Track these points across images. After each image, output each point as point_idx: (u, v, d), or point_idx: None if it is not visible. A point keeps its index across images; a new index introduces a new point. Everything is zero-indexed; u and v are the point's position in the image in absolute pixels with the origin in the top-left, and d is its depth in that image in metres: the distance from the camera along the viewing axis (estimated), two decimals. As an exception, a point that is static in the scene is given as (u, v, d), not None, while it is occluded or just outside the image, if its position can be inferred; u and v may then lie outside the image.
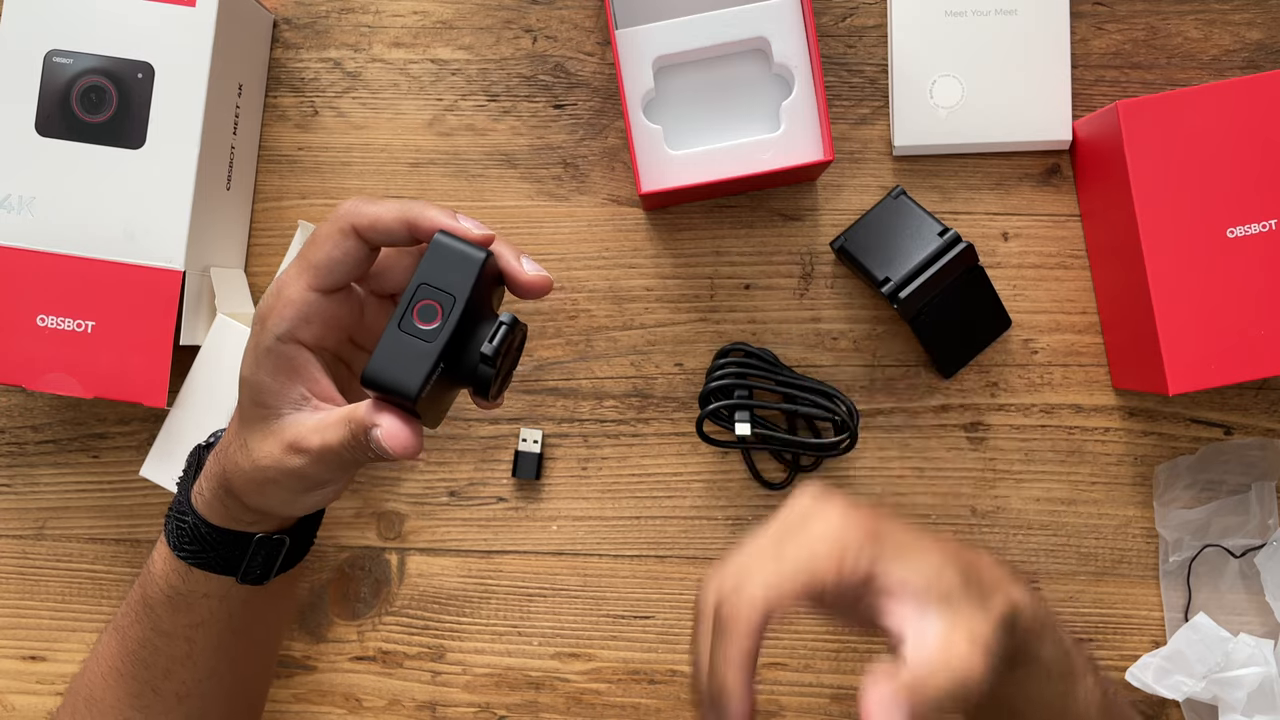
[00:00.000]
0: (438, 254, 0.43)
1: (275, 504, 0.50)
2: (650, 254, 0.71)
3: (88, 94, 0.63)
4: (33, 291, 0.63)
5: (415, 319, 0.43)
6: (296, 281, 0.46)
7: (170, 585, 0.53)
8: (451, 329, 0.42)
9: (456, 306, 0.43)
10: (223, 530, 0.52)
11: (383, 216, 0.45)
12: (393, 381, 0.42)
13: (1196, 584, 0.69)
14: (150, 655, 0.55)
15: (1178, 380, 0.62)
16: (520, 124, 0.71)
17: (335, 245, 0.45)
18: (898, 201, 0.68)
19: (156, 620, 0.54)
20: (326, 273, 0.46)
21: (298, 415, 0.46)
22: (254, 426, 0.48)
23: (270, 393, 0.46)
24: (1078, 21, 0.70)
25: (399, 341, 0.42)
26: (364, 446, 0.44)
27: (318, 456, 0.46)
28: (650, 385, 0.71)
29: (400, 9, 0.72)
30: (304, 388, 0.47)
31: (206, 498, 0.52)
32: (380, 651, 0.71)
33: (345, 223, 0.45)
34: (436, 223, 0.45)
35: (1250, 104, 0.62)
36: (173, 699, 0.55)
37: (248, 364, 0.47)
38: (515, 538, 0.71)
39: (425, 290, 0.43)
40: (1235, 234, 0.62)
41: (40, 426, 0.72)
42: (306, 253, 0.46)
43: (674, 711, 0.70)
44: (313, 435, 0.46)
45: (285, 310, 0.46)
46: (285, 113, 0.72)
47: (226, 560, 0.52)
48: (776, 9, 0.66)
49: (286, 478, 0.47)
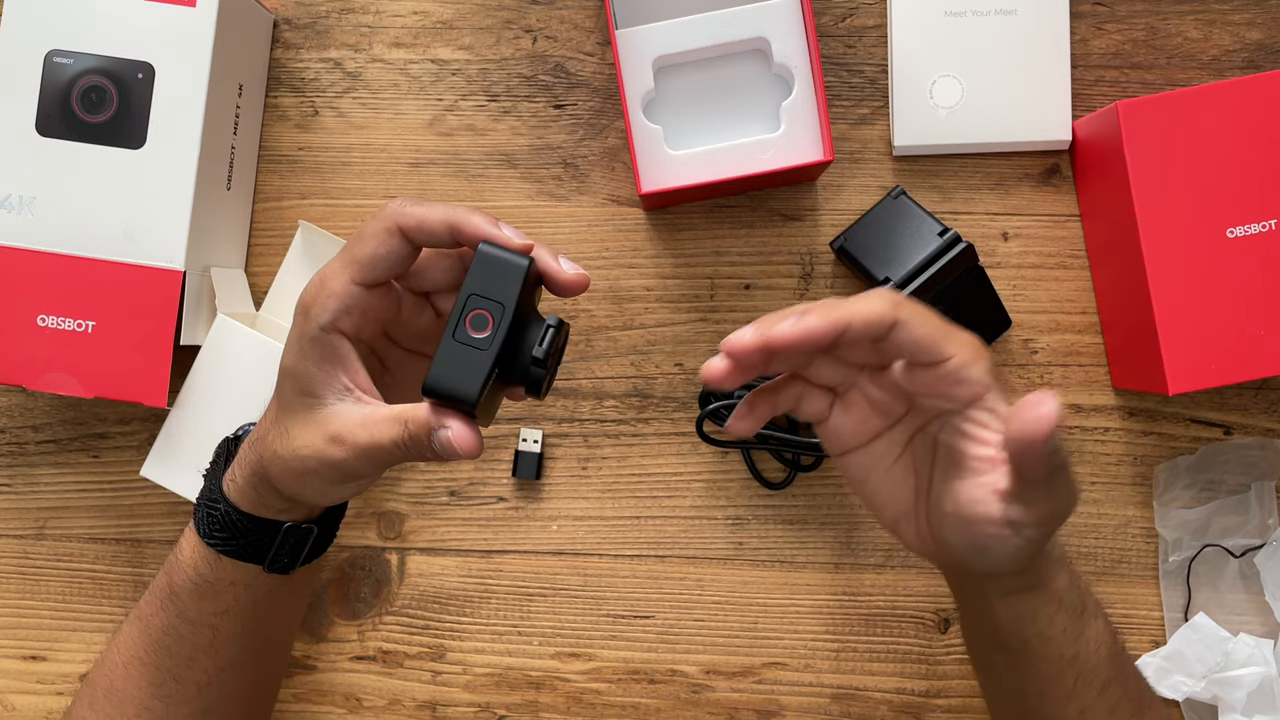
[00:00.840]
0: (484, 264, 0.45)
1: (310, 492, 0.51)
2: (650, 254, 0.71)
3: (88, 94, 0.63)
4: (33, 291, 0.63)
5: (468, 328, 0.45)
6: (341, 275, 0.47)
7: (198, 573, 0.54)
8: (503, 336, 0.45)
9: (506, 314, 0.45)
10: (254, 518, 0.53)
11: (429, 219, 0.46)
12: (453, 389, 0.44)
13: (1196, 584, 0.69)
14: (174, 643, 0.56)
15: (1177, 380, 0.62)
16: (520, 124, 0.71)
17: (381, 243, 0.47)
18: (898, 201, 0.68)
19: (182, 608, 0.55)
20: (370, 268, 0.47)
21: (341, 406, 0.48)
22: (296, 415, 0.49)
23: (315, 381, 0.48)
24: (1078, 21, 0.70)
25: (455, 351, 0.45)
26: (423, 447, 0.46)
27: (362, 452, 0.47)
28: (650, 385, 0.71)
29: (400, 9, 0.72)
30: (346, 378, 0.48)
31: (239, 485, 0.53)
32: (380, 651, 0.71)
33: (392, 222, 0.47)
34: (480, 230, 0.46)
35: (1250, 104, 0.62)
36: (194, 688, 0.56)
37: (291, 353, 0.48)
38: (515, 537, 0.71)
39: (475, 300, 0.45)
40: (1235, 234, 0.62)
41: (41, 426, 0.72)
42: (353, 248, 0.47)
43: (674, 711, 0.70)
44: (359, 430, 0.47)
45: (329, 302, 0.47)
46: (285, 113, 0.72)
47: (255, 548, 0.54)
48: (776, 9, 0.66)
49: (326, 468, 0.48)
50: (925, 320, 0.46)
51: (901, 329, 0.45)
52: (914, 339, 0.46)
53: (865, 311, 0.45)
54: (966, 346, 0.46)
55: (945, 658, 0.70)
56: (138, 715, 0.57)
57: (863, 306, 0.45)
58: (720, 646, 0.70)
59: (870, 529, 0.70)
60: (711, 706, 0.70)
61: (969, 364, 0.46)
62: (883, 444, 0.51)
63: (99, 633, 0.71)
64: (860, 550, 0.70)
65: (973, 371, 0.46)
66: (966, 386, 0.46)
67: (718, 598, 0.70)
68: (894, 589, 0.70)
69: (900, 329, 0.45)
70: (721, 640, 0.70)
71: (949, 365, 0.46)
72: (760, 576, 0.70)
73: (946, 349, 0.46)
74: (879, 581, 0.70)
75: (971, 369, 0.46)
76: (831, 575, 0.70)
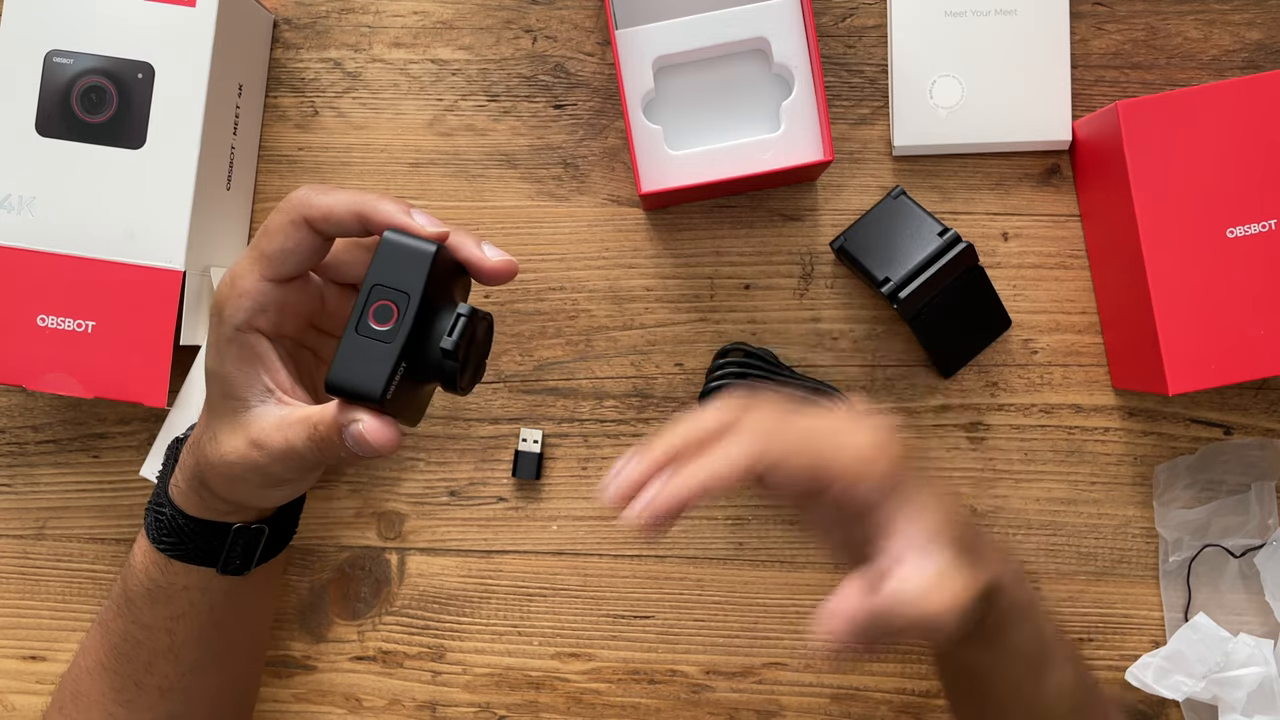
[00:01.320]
0: (388, 253, 0.43)
1: (245, 496, 0.50)
2: (650, 254, 0.71)
3: (88, 94, 0.63)
4: (33, 291, 0.63)
5: (372, 321, 0.42)
6: (250, 272, 0.46)
7: (150, 578, 0.53)
8: (409, 328, 0.42)
9: (411, 304, 0.42)
10: (200, 521, 0.52)
11: (335, 209, 0.44)
12: (356, 386, 0.42)
13: (1196, 584, 0.69)
14: (132, 649, 0.55)
15: (1178, 380, 0.62)
16: (520, 124, 0.71)
17: (287, 237, 0.45)
18: (898, 201, 0.68)
19: (137, 613, 0.54)
20: (280, 263, 0.45)
21: (263, 409, 0.46)
22: (223, 419, 0.47)
23: (236, 383, 0.46)
24: (1078, 21, 0.70)
25: (358, 345, 0.42)
26: (335, 446, 0.44)
27: (280, 456, 0.46)
28: (650, 385, 0.71)
29: (400, 9, 0.72)
30: (268, 378, 0.46)
31: (183, 489, 0.52)
32: (380, 651, 0.71)
33: (297, 214, 0.45)
34: (388, 218, 0.44)
35: (1250, 104, 0.62)
36: (155, 693, 0.55)
37: (212, 356, 0.47)
38: (515, 538, 0.71)
39: (379, 291, 0.43)
40: (1235, 234, 0.62)
41: (40, 426, 0.72)
42: (259, 243, 0.46)
43: (674, 711, 0.70)
44: (275, 433, 0.45)
45: (241, 300, 0.45)
46: (285, 113, 0.72)
47: (205, 551, 0.52)
48: (776, 9, 0.66)
49: (251, 473, 0.47)
50: (793, 456, 0.43)
51: (771, 476, 0.43)
52: (789, 480, 0.44)
53: (722, 475, 0.42)
54: (849, 460, 0.44)
55: (945, 658, 0.70)
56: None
57: (719, 467, 0.42)
58: (720, 646, 0.70)
59: (870, 529, 0.70)
60: (711, 706, 0.70)
61: (854, 484, 0.44)
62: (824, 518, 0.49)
63: (98, 633, 0.71)
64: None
65: (860, 490, 0.44)
66: (857, 504, 0.44)
67: (718, 598, 0.70)
68: (894, 589, 0.70)
69: (770, 477, 0.43)
70: (721, 640, 0.70)
71: (834, 490, 0.44)
72: (760, 576, 0.70)
73: (827, 475, 0.44)
74: (879, 581, 0.70)
75: (858, 489, 0.44)
76: (831, 575, 0.70)
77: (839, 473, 0.44)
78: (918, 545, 0.44)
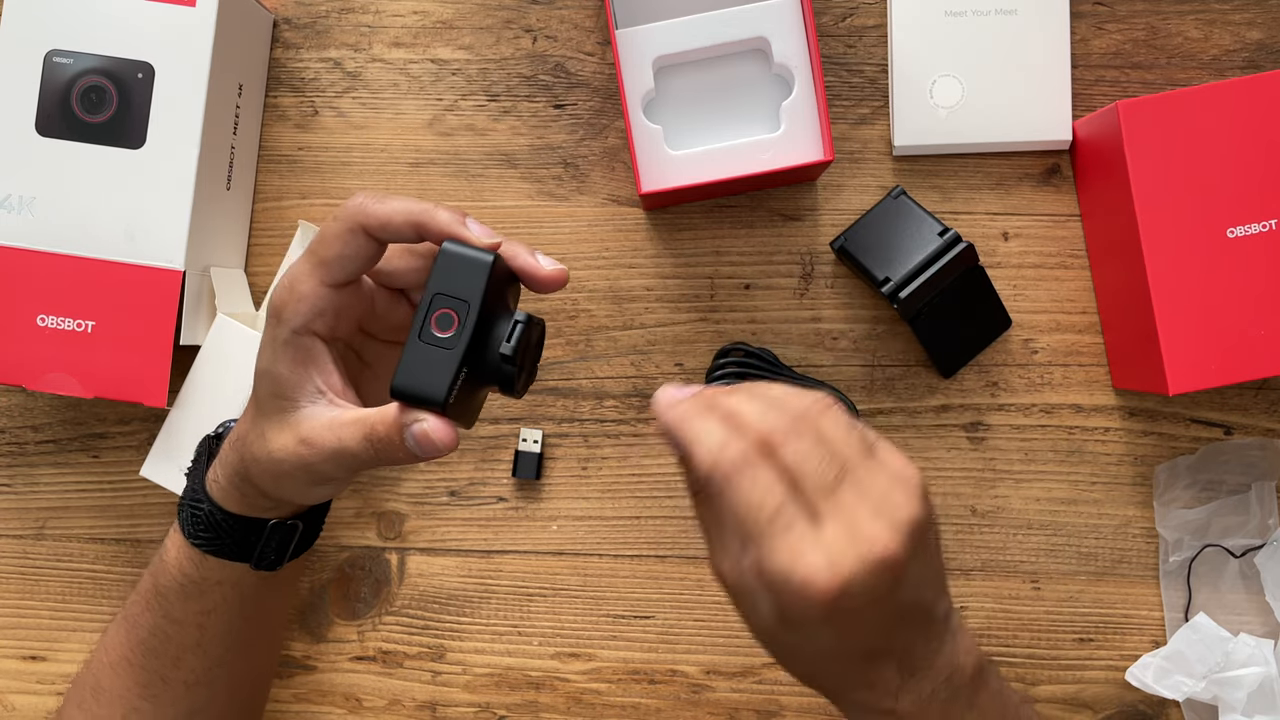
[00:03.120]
0: (447, 263, 0.45)
1: (290, 493, 0.51)
2: (650, 254, 0.71)
3: (88, 94, 0.63)
4: (33, 291, 0.63)
5: (434, 328, 0.44)
6: (309, 278, 0.47)
7: (183, 573, 0.54)
8: (469, 334, 0.44)
9: (471, 312, 0.44)
10: (238, 517, 0.53)
11: (392, 218, 0.46)
12: (419, 391, 0.44)
13: (1196, 584, 0.69)
14: (160, 644, 0.56)
15: (1178, 380, 0.62)
16: (520, 124, 0.71)
17: (345, 244, 0.47)
18: (898, 201, 0.68)
19: (168, 608, 0.55)
20: (337, 268, 0.47)
21: (313, 409, 0.48)
22: (271, 418, 0.49)
23: (288, 384, 0.48)
24: (1078, 21, 0.70)
25: (421, 352, 0.44)
26: (394, 447, 0.45)
27: (331, 455, 0.47)
28: (650, 385, 0.71)
29: (400, 9, 0.72)
30: (320, 380, 0.48)
31: (222, 485, 0.53)
32: (380, 651, 0.71)
33: (354, 221, 0.46)
34: (444, 228, 0.45)
35: (1250, 104, 0.62)
36: (181, 687, 0.56)
37: (265, 357, 0.48)
38: (515, 538, 0.71)
39: (440, 300, 0.44)
40: (1235, 234, 0.62)
41: (40, 426, 0.72)
42: (317, 249, 0.47)
43: (674, 711, 0.70)
44: (326, 432, 0.47)
45: (300, 305, 0.47)
46: (285, 113, 0.72)
47: (241, 546, 0.54)
48: (776, 9, 0.66)
49: (299, 470, 0.48)
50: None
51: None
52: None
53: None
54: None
55: (945, 658, 0.70)
56: (125, 716, 0.57)
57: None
58: (720, 646, 0.70)
59: (870, 529, 0.70)
60: (711, 706, 0.70)
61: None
62: None
63: (99, 633, 0.71)
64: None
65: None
66: None
67: (718, 598, 0.70)
68: (894, 589, 0.70)
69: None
70: (721, 640, 0.70)
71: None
72: (760, 576, 0.70)
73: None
74: (879, 581, 0.70)
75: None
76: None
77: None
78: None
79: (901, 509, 0.40)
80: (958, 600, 0.70)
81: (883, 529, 0.39)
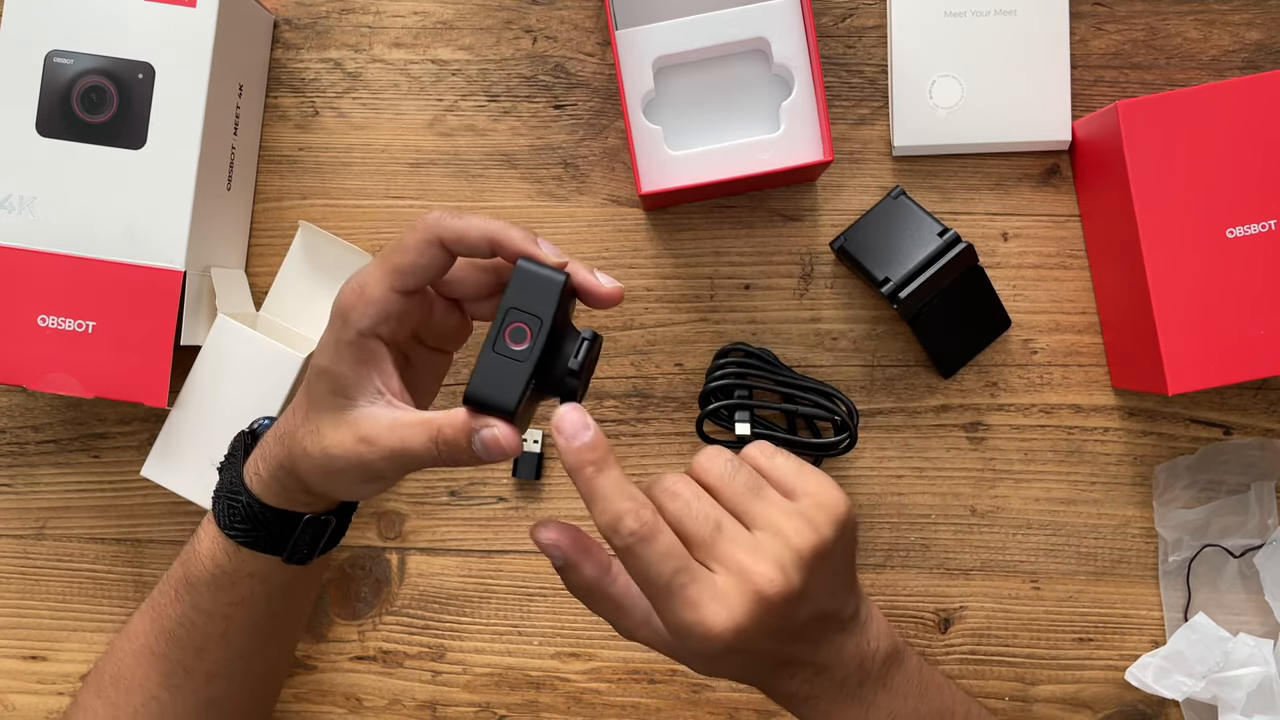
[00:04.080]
0: (522, 279, 0.47)
1: (337, 489, 0.52)
2: (650, 254, 0.71)
3: (88, 94, 0.63)
4: (33, 291, 0.63)
5: (508, 340, 0.47)
6: (381, 282, 0.49)
7: (216, 564, 0.56)
8: (540, 348, 0.47)
9: (543, 327, 0.47)
10: (276, 510, 0.54)
11: (469, 233, 0.48)
12: (492, 399, 0.46)
13: (1196, 584, 0.69)
14: (187, 634, 0.57)
15: (1177, 380, 0.62)
16: (520, 124, 0.71)
17: (420, 254, 0.48)
18: (897, 202, 0.68)
19: (198, 599, 0.56)
20: (410, 277, 0.48)
21: (372, 408, 0.49)
22: (328, 415, 0.50)
23: (350, 383, 0.49)
24: (1077, 21, 0.70)
25: (494, 362, 0.47)
26: (460, 450, 0.47)
27: (391, 454, 0.48)
28: (650, 385, 0.71)
29: (400, 9, 0.72)
30: (380, 381, 0.50)
31: (263, 478, 0.54)
32: (380, 651, 0.71)
33: (433, 234, 0.48)
34: (519, 246, 0.48)
35: (1250, 104, 0.62)
36: (202, 678, 0.58)
37: (328, 355, 0.50)
38: (515, 537, 0.71)
39: (514, 314, 0.47)
40: (1235, 234, 0.62)
41: (41, 426, 0.72)
42: (392, 257, 0.49)
43: (674, 711, 0.70)
44: (388, 433, 0.48)
45: (369, 309, 0.48)
46: (285, 113, 0.72)
47: (275, 539, 0.55)
48: (776, 9, 0.66)
49: (354, 467, 0.49)
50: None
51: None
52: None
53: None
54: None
55: (945, 657, 0.70)
56: (145, 704, 0.57)
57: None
58: (720, 646, 0.70)
59: (869, 529, 0.70)
60: (711, 706, 0.70)
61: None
62: None
63: (99, 633, 0.71)
64: (859, 549, 0.70)
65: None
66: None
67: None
68: (893, 588, 0.70)
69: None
70: (721, 640, 0.70)
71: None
72: (760, 576, 0.70)
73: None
74: (879, 581, 0.70)
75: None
76: (831, 575, 0.70)
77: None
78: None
79: (791, 540, 0.45)
80: (958, 600, 0.70)
81: (767, 567, 0.44)
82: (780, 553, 0.45)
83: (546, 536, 0.48)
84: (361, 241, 0.71)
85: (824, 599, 0.46)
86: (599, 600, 0.48)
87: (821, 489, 0.47)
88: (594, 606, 0.49)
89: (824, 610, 0.47)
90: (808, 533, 0.45)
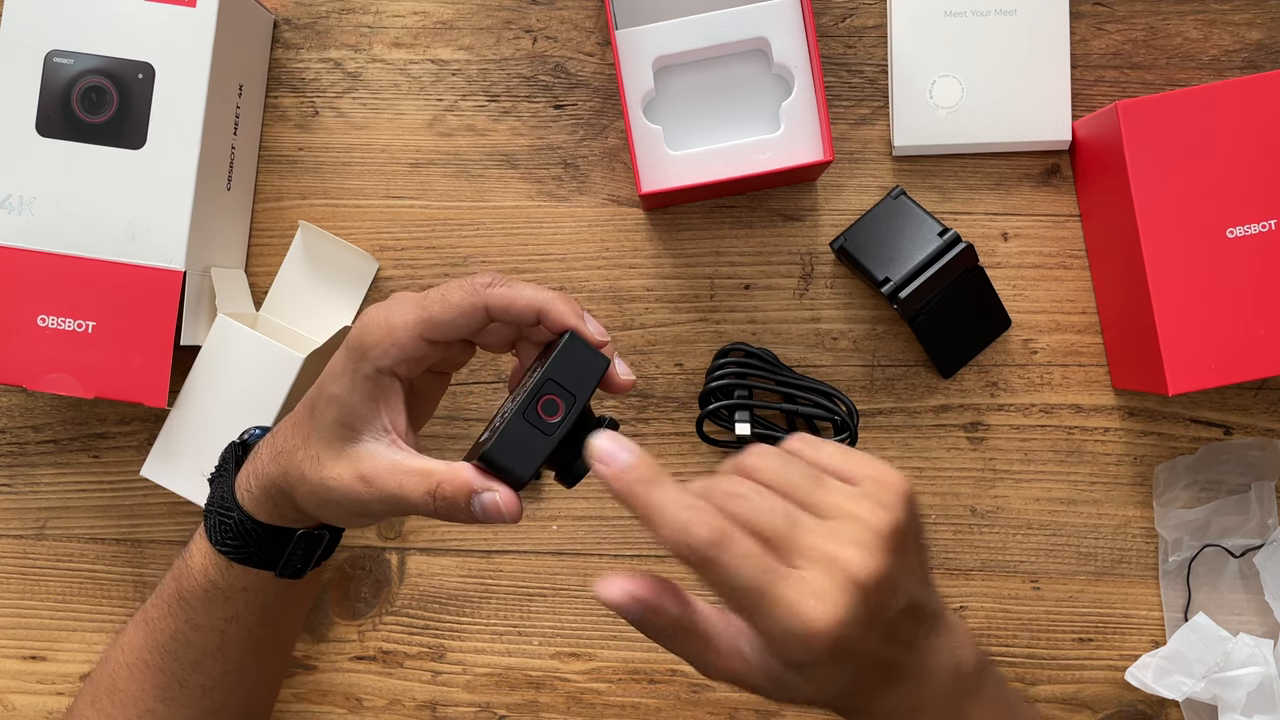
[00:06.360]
0: (568, 354, 0.47)
1: (328, 517, 0.52)
2: (650, 254, 0.71)
3: (88, 94, 0.63)
4: (33, 291, 0.63)
5: (539, 411, 0.46)
6: (412, 328, 0.48)
7: (208, 579, 0.55)
8: (569, 426, 0.46)
9: (576, 406, 0.46)
10: (267, 526, 0.53)
11: (517, 303, 0.48)
12: (510, 466, 0.46)
13: (1196, 584, 0.69)
14: (181, 648, 0.56)
15: (1177, 380, 0.62)
16: (520, 124, 0.71)
17: (463, 315, 0.48)
18: (897, 201, 0.68)
19: (191, 614, 0.56)
20: (444, 331, 0.48)
21: (375, 446, 0.49)
22: (330, 444, 0.49)
23: (358, 416, 0.49)
24: (1077, 21, 0.70)
25: (520, 429, 0.46)
26: (458, 508, 0.47)
27: (387, 498, 0.48)
28: (650, 385, 0.71)
29: (400, 9, 0.72)
30: (388, 418, 0.49)
31: (255, 495, 0.53)
32: (380, 651, 0.71)
33: (480, 299, 0.48)
34: (568, 322, 0.47)
35: (1250, 104, 0.62)
36: (198, 691, 0.57)
37: (342, 385, 0.49)
38: (515, 537, 0.71)
39: (551, 385, 0.46)
40: (1235, 234, 0.62)
41: (41, 426, 0.72)
42: (431, 308, 0.48)
43: (674, 711, 0.70)
44: (388, 476, 0.48)
45: (392, 350, 0.48)
46: (285, 113, 0.72)
47: (267, 555, 0.54)
48: (776, 9, 0.66)
49: (349, 502, 0.49)
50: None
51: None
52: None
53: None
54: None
55: (945, 658, 0.70)
56: (140, 717, 0.57)
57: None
58: (720, 646, 0.70)
59: (870, 529, 0.70)
60: (711, 706, 0.70)
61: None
62: None
63: (99, 633, 0.71)
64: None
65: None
66: None
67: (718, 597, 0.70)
68: (894, 589, 0.70)
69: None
70: (721, 640, 0.70)
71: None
72: (760, 576, 0.70)
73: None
74: (879, 581, 0.70)
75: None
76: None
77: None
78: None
79: (869, 522, 0.42)
80: (958, 600, 0.70)
81: (855, 551, 0.41)
82: (861, 535, 0.41)
83: (618, 593, 0.44)
84: (361, 241, 0.71)
85: (912, 586, 0.43)
86: (685, 638, 0.45)
87: (878, 470, 0.44)
88: (678, 647, 0.45)
89: (914, 601, 0.43)
90: (881, 513, 0.42)
